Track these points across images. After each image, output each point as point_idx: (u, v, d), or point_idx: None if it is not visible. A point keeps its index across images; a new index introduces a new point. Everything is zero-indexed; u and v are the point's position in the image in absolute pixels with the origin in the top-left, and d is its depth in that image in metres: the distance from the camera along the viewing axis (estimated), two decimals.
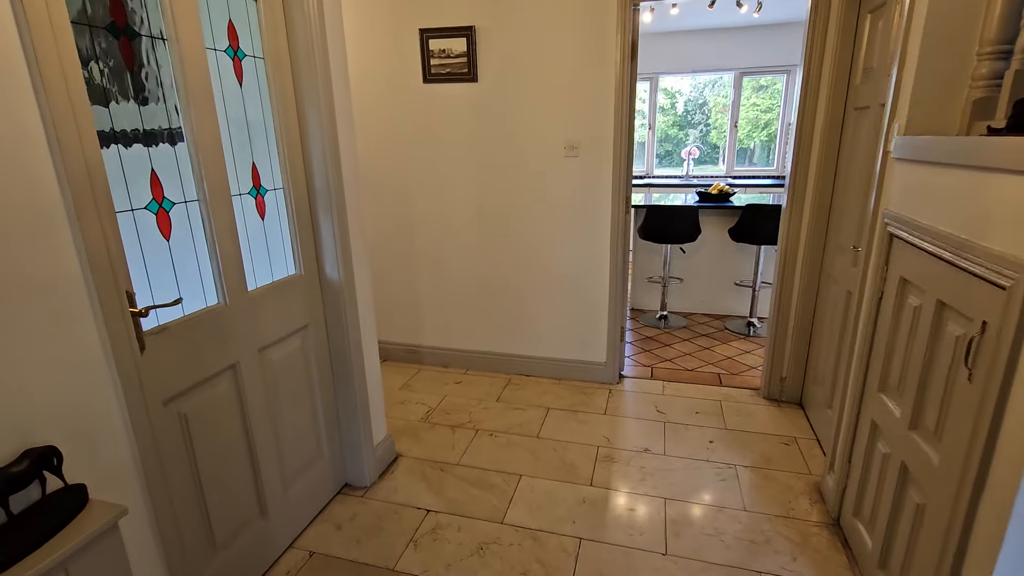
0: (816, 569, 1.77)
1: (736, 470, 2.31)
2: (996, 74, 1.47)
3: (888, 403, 1.64)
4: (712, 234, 4.13)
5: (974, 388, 1.20)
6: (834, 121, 2.46)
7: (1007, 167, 1.14)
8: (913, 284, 1.53)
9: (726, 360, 3.44)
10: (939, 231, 1.38)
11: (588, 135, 2.80)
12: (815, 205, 2.58)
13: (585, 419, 2.75)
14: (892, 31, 1.95)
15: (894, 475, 1.57)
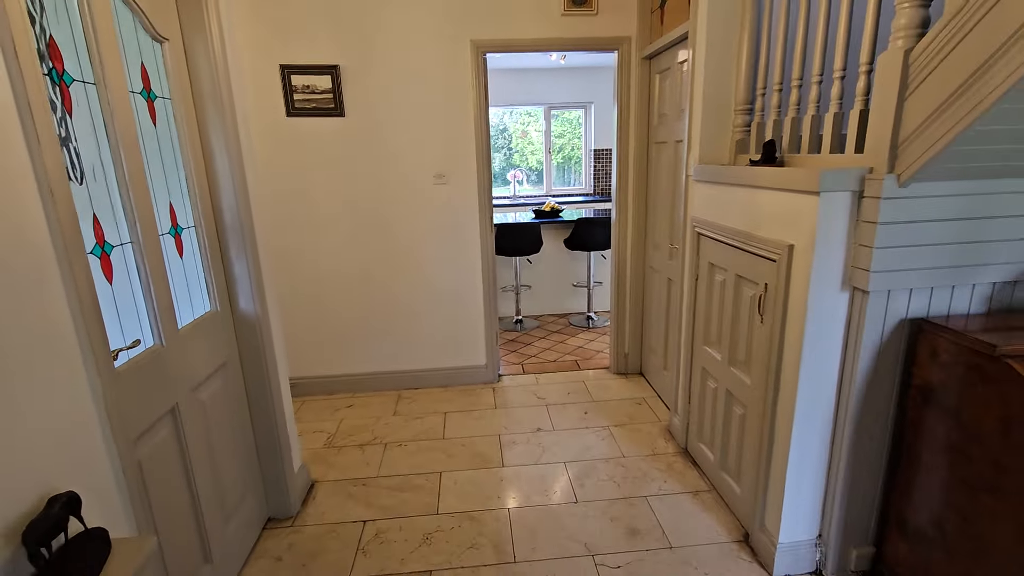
0: (680, 484, 2.37)
1: (610, 430, 2.86)
2: (747, 123, 2.24)
3: (711, 352, 2.31)
4: (551, 245, 4.81)
5: (765, 327, 1.85)
6: (642, 152, 3.22)
7: (765, 185, 1.82)
8: (718, 266, 2.21)
9: (578, 349, 4.08)
10: (731, 228, 2.05)
11: (454, 164, 3.16)
12: (636, 215, 3.32)
13: (480, 416, 3.07)
14: (677, 89, 2.72)
15: (722, 400, 2.22)
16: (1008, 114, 1.24)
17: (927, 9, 1.39)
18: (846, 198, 1.55)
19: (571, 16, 3.01)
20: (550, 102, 6.62)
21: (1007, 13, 1.14)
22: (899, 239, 1.51)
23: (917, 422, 1.59)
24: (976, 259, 1.56)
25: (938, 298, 1.60)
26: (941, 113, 1.32)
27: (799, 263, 1.66)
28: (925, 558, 1.58)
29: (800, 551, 1.85)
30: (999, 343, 1.34)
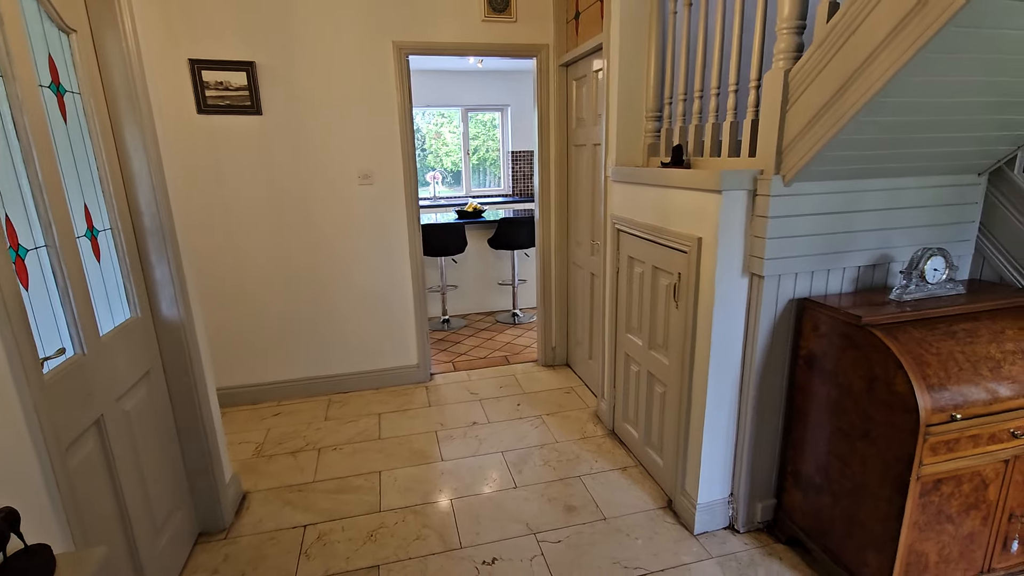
0: (610, 462, 2.56)
1: (542, 418, 3.01)
2: (657, 129, 2.46)
3: (633, 338, 2.52)
4: (475, 245, 4.90)
5: (680, 312, 2.07)
6: (562, 154, 3.40)
7: (675, 185, 2.03)
8: (637, 259, 2.42)
9: (507, 345, 4.21)
10: (647, 224, 2.26)
11: (379, 165, 3.17)
12: (558, 214, 3.50)
13: (415, 415, 3.10)
14: (593, 96, 2.92)
15: (645, 382, 2.43)
16: (865, 126, 1.51)
17: (800, 36, 1.64)
18: (743, 196, 1.78)
19: (491, 22, 3.13)
20: (467, 104, 6.71)
21: (858, 45, 1.40)
22: (786, 231, 1.77)
23: (805, 386, 1.86)
24: (846, 247, 1.86)
25: (817, 280, 1.88)
26: (814, 124, 1.57)
27: (707, 253, 1.88)
28: (815, 502, 1.86)
29: (715, 509, 2.09)
30: (863, 315, 1.62)
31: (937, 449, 1.48)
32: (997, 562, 1.67)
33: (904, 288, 1.76)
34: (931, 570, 1.61)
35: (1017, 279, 1.89)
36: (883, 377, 1.54)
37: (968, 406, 1.48)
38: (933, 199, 1.90)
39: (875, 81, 1.37)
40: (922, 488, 1.51)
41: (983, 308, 1.69)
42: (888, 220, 1.87)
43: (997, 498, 1.60)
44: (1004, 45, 1.30)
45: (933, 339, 1.56)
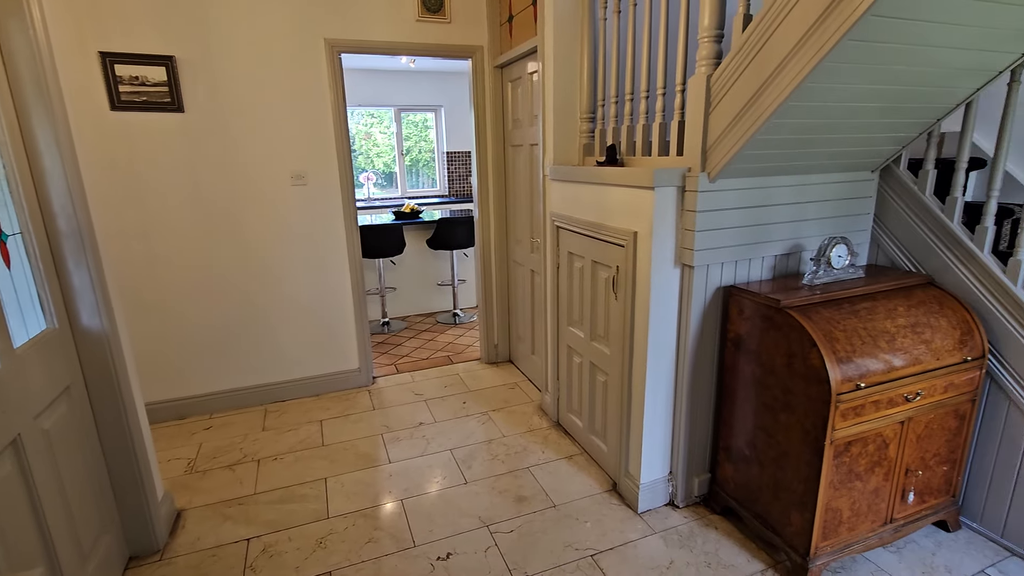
0: (556, 452, 2.64)
1: (488, 415, 3.05)
2: (592, 130, 2.57)
3: (575, 331, 2.61)
4: (413, 246, 4.87)
5: (619, 303, 2.18)
6: (499, 154, 3.46)
7: (611, 183, 2.14)
8: (576, 254, 2.51)
9: (449, 345, 4.21)
10: (586, 220, 2.36)
11: (313, 165, 3.08)
12: (497, 214, 3.55)
13: (359, 419, 3.05)
14: (529, 98, 3.00)
15: (587, 372, 2.54)
16: (777, 127, 1.67)
17: (720, 44, 1.79)
18: (673, 192, 1.91)
19: (426, 23, 3.13)
20: (400, 104, 6.63)
21: (770, 55, 1.55)
22: (712, 224, 1.91)
23: (733, 366, 2.02)
24: (764, 238, 2.04)
25: (741, 269, 2.05)
26: (734, 125, 1.71)
27: (642, 247, 2.00)
28: (745, 473, 2.02)
29: (657, 488, 2.21)
30: (782, 299, 1.78)
31: (847, 415, 1.66)
32: (897, 512, 1.90)
33: (814, 273, 1.95)
34: (844, 524, 1.80)
35: (906, 263, 2.14)
36: (800, 353, 1.71)
37: (870, 375, 1.67)
38: (835, 194, 2.12)
39: (785, 87, 1.53)
40: (835, 451, 1.69)
41: (879, 289, 1.91)
42: (799, 213, 2.07)
43: (896, 455, 1.82)
44: (888, 57, 1.49)
45: (840, 317, 1.75)
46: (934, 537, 2.01)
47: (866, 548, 1.87)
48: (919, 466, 1.88)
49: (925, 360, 1.77)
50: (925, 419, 1.82)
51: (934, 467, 1.91)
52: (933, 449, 1.89)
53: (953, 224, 1.96)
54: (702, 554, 1.96)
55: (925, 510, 1.96)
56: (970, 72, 1.67)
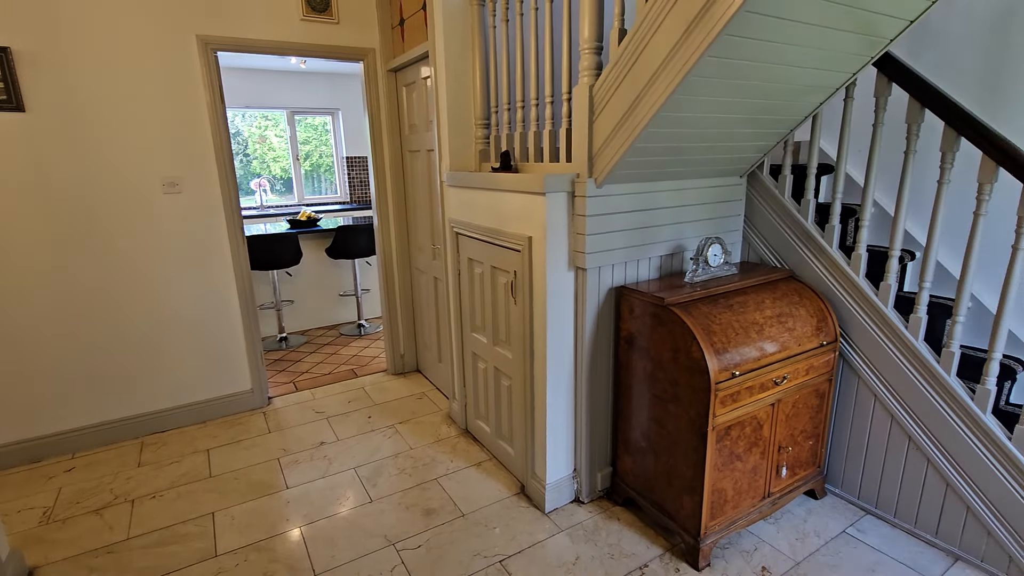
0: (465, 460, 2.62)
1: (395, 428, 2.96)
2: (487, 136, 2.59)
3: (479, 337, 2.61)
4: (311, 256, 4.63)
5: (518, 307, 2.21)
6: (397, 160, 3.38)
7: (506, 188, 2.16)
8: (476, 260, 2.51)
9: (353, 358, 4.05)
10: (483, 226, 2.37)
11: (188, 171, 2.83)
12: (398, 220, 3.47)
13: (252, 444, 2.83)
14: (424, 102, 2.96)
15: (492, 377, 2.54)
16: (655, 136, 1.77)
17: (600, 56, 1.87)
18: (564, 197, 1.97)
19: (311, 22, 2.99)
20: (292, 106, 6.30)
21: (643, 68, 1.64)
22: (601, 227, 1.99)
23: (627, 362, 2.12)
24: (650, 239, 2.16)
25: (630, 270, 2.15)
26: (616, 133, 1.80)
27: (537, 251, 2.03)
28: (642, 463, 2.12)
29: (562, 486, 2.26)
30: (666, 297, 1.89)
31: (725, 402, 1.79)
32: (774, 486, 2.08)
33: (694, 272, 2.09)
34: (730, 502, 1.95)
35: (772, 259, 2.36)
36: (683, 347, 1.82)
37: (744, 364, 1.82)
38: (711, 197, 2.29)
39: (658, 98, 1.62)
40: (717, 436, 1.82)
41: (750, 284, 2.09)
42: (679, 216, 2.21)
43: (770, 435, 2.00)
44: (745, 73, 1.63)
45: (717, 312, 1.89)
46: (805, 505, 2.23)
47: (749, 523, 2.03)
48: (789, 443, 2.07)
49: (790, 347, 1.96)
50: (792, 400, 2.02)
51: (802, 442, 2.13)
52: (800, 426, 2.09)
53: (807, 223, 2.19)
54: (606, 546, 2.03)
55: (797, 482, 2.17)
56: (814, 88, 1.88)
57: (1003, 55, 2.20)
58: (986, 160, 1.71)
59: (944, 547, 1.95)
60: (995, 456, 1.77)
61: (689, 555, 1.93)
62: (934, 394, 1.89)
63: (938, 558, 1.92)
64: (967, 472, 1.84)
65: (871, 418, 2.10)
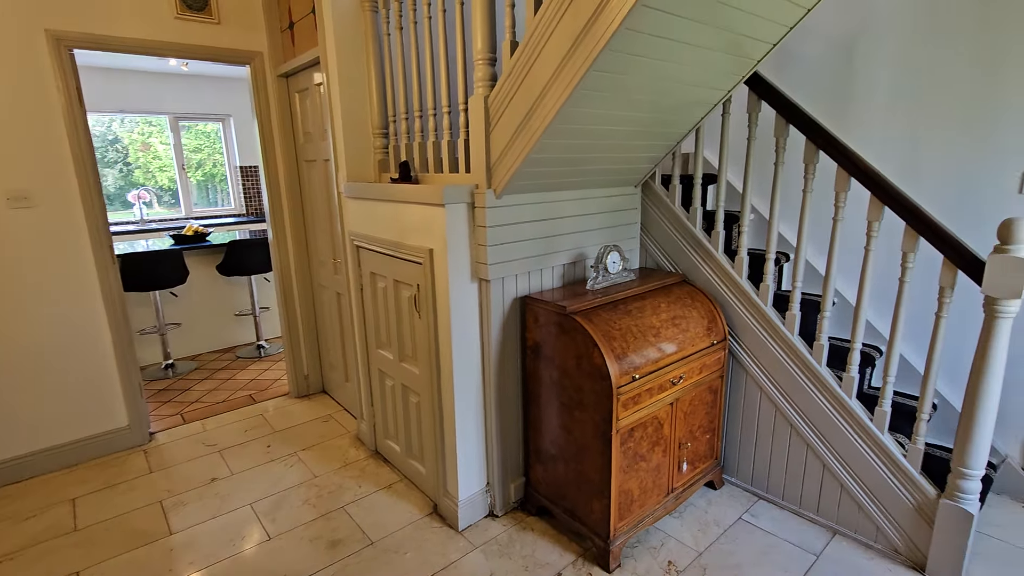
0: (374, 484, 2.50)
1: (297, 455, 2.77)
2: (386, 145, 2.51)
3: (385, 353, 2.51)
4: (200, 273, 4.26)
5: (423, 321, 2.14)
6: (292, 169, 3.20)
7: (405, 200, 2.10)
8: (378, 274, 2.42)
9: (252, 382, 3.76)
10: (384, 239, 2.28)
11: (41, 182, 2.49)
12: (295, 234, 3.27)
13: (131, 487, 2.53)
14: (318, 110, 2.82)
15: (400, 395, 2.45)
16: (549, 147, 1.79)
17: (494, 67, 1.87)
18: (463, 208, 1.94)
19: (186, 21, 2.75)
20: (176, 112, 5.80)
21: (535, 80, 1.66)
22: (503, 238, 1.99)
23: (534, 371, 2.12)
24: (552, 248, 2.18)
25: (534, 279, 2.17)
26: (512, 144, 1.80)
27: (439, 263, 1.99)
28: (553, 471, 2.13)
29: (476, 502, 2.22)
30: (568, 305, 1.92)
31: (627, 405, 1.85)
32: (676, 482, 2.17)
33: (595, 279, 2.15)
34: (636, 501, 2.00)
35: (667, 264, 2.48)
36: (586, 354, 1.85)
37: (644, 367, 1.89)
38: (609, 206, 2.37)
39: (549, 110, 1.64)
40: (621, 438, 1.86)
41: (647, 289, 2.18)
42: (580, 224, 2.27)
43: (670, 433, 2.08)
44: (631, 87, 1.70)
45: (616, 317, 1.95)
46: (706, 496, 2.35)
47: (656, 519, 2.10)
48: (689, 439, 2.18)
49: (684, 348, 2.06)
50: (689, 398, 2.12)
51: (700, 437, 2.24)
52: (698, 422, 2.21)
53: (696, 230, 2.33)
54: (520, 559, 2.01)
55: (697, 475, 2.28)
56: (696, 103, 2.00)
57: (850, 74, 2.48)
58: (840, 171, 1.91)
59: (825, 523, 2.13)
60: (860, 436, 1.97)
61: (600, 558, 1.96)
62: (809, 384, 2.06)
63: (821, 534, 2.09)
64: (839, 453, 2.03)
65: (759, 409, 2.26)
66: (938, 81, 2.26)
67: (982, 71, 2.15)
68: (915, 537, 1.90)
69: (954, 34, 2.20)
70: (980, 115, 2.18)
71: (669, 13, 1.43)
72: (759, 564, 1.95)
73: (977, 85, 2.17)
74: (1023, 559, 1.94)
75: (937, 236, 1.72)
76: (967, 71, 2.19)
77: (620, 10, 1.38)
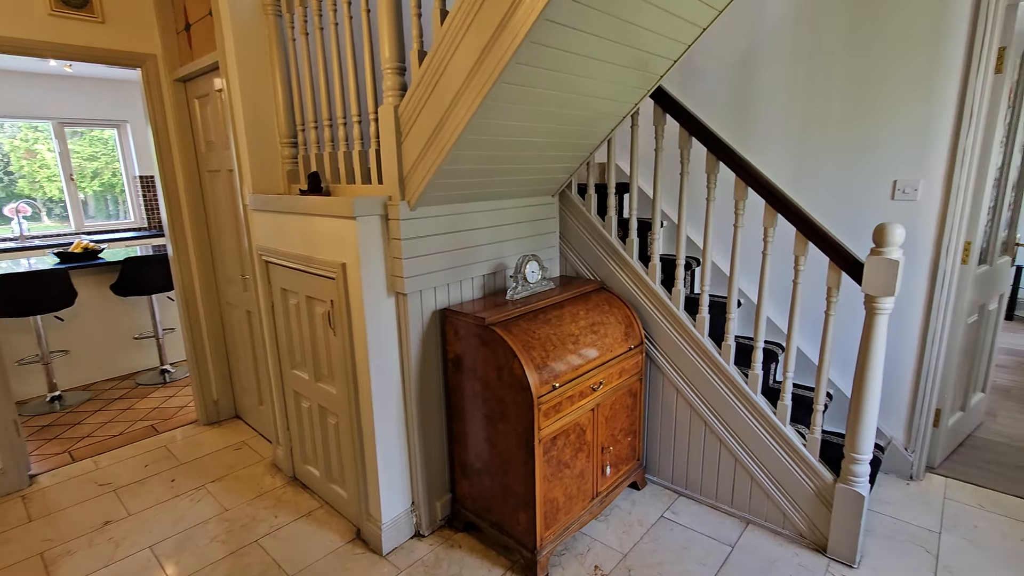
0: (292, 512, 2.36)
1: (206, 488, 2.56)
2: (295, 155, 2.39)
3: (300, 373, 2.38)
4: (91, 294, 3.87)
5: (338, 339, 2.05)
6: (193, 180, 2.98)
7: (315, 213, 2.00)
8: (290, 291, 2.29)
9: (154, 411, 3.45)
10: (294, 253, 2.17)
11: None
12: (198, 249, 3.05)
13: (5, 539, 2.23)
14: (220, 117, 2.65)
15: (317, 416, 2.33)
16: (462, 158, 1.78)
17: (403, 76, 1.83)
18: (377, 221, 1.88)
19: (64, 18, 2.50)
20: (61, 116, 5.27)
21: (444, 91, 1.64)
22: (419, 251, 1.94)
23: (456, 385, 2.09)
24: (471, 260, 2.16)
25: (453, 291, 2.14)
26: (424, 155, 1.77)
27: (352, 278, 1.91)
28: (479, 485, 2.10)
29: (401, 523, 2.14)
30: (487, 317, 1.91)
31: (548, 414, 1.85)
32: (601, 486, 2.21)
33: (514, 289, 2.15)
34: (562, 509, 2.01)
35: (586, 272, 2.53)
36: (506, 366, 1.84)
37: (563, 375, 1.90)
38: (527, 216, 2.38)
39: (460, 121, 1.63)
40: (544, 448, 1.87)
41: (566, 297, 2.21)
42: (498, 235, 2.26)
43: (593, 438, 2.12)
44: (541, 99, 1.71)
45: (536, 327, 1.96)
46: (630, 497, 2.41)
47: (582, 525, 2.12)
48: (611, 443, 2.22)
49: (603, 353, 2.10)
50: (609, 402, 2.16)
51: (621, 440, 2.29)
52: (619, 425, 2.26)
53: (612, 237, 2.39)
54: None
55: (620, 477, 2.33)
56: (606, 115, 2.06)
57: (747, 91, 2.66)
58: (739, 181, 2.03)
59: (739, 515, 2.24)
60: (766, 429, 2.09)
61: (528, 570, 1.95)
62: (720, 382, 2.17)
63: (735, 525, 2.20)
64: (748, 446, 2.14)
65: (676, 409, 2.34)
66: (819, 98, 2.47)
67: (855, 89, 2.37)
68: (816, 520, 2.04)
69: (830, 55, 2.41)
70: (856, 129, 2.40)
71: (573, 28, 1.46)
72: (679, 560, 2.02)
73: (852, 102, 2.39)
74: (909, 532, 2.13)
75: (823, 241, 1.86)
76: (843, 89, 2.40)
77: (524, 24, 1.39)
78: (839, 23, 2.37)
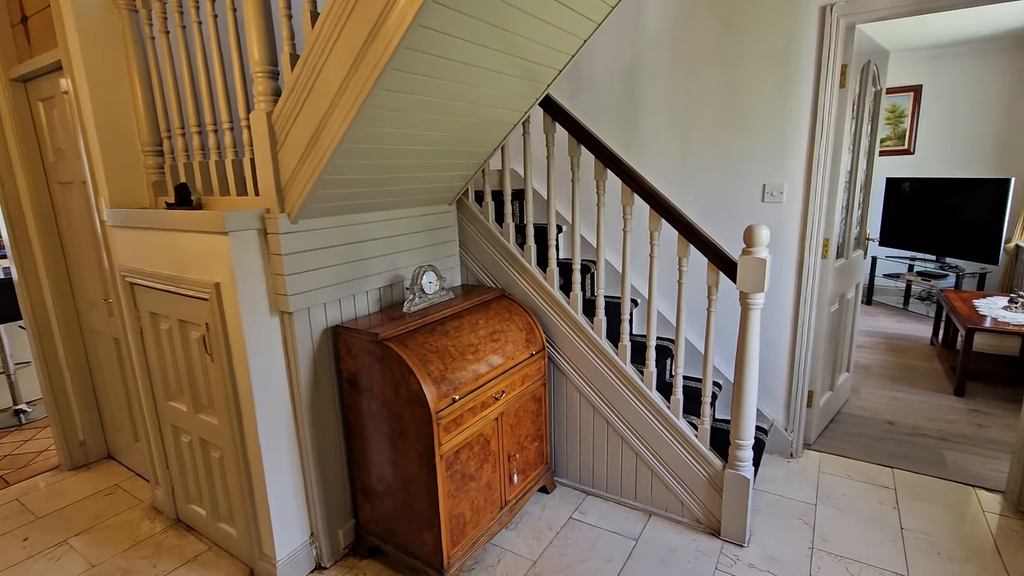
0: (176, 559, 2.13)
1: (68, 543, 2.25)
2: (160, 165, 2.17)
3: (177, 405, 2.16)
4: None
5: (216, 365, 1.88)
6: (41, 193, 2.62)
7: (183, 228, 1.82)
8: (160, 314, 2.07)
9: (6, 459, 2.99)
10: (162, 274, 1.96)
11: None
12: (51, 271, 2.68)
13: None
14: (69, 123, 2.35)
15: (199, 451, 2.12)
16: (344, 167, 1.69)
17: (277, 80, 1.71)
18: (253, 236, 1.74)
19: None
20: None
21: (320, 97, 1.55)
22: (304, 266, 1.82)
23: (353, 405, 1.98)
24: (364, 272, 2.07)
25: (346, 306, 2.03)
26: (303, 164, 1.66)
27: (228, 298, 1.76)
28: (382, 508, 2.01)
29: (299, 557, 2.00)
30: (380, 332, 1.83)
31: (449, 428, 1.81)
32: (509, 494, 2.20)
33: (411, 301, 2.09)
34: (469, 523, 1.97)
35: (488, 280, 2.52)
36: (403, 382, 1.77)
37: (463, 387, 1.87)
38: (423, 225, 2.33)
39: (339, 128, 1.55)
40: (447, 463, 1.82)
41: (466, 307, 2.18)
42: (392, 246, 2.19)
43: (498, 448, 2.10)
44: (423, 107, 1.67)
45: (433, 339, 1.91)
46: (540, 502, 2.42)
47: (491, 536, 2.09)
48: (517, 450, 2.22)
49: (505, 362, 2.09)
50: (513, 410, 2.16)
51: (528, 446, 2.30)
52: (525, 431, 2.26)
53: (510, 244, 2.40)
54: None
55: (529, 483, 2.34)
56: (497, 123, 2.05)
57: (632, 102, 2.78)
58: (625, 187, 2.11)
59: (642, 508, 2.32)
60: (662, 423, 2.18)
61: None
62: (618, 381, 2.23)
63: (639, 519, 2.27)
64: (646, 441, 2.23)
65: (579, 410, 2.39)
66: (698, 109, 2.64)
67: (728, 102, 2.56)
68: (710, 506, 2.15)
69: (706, 70, 2.58)
70: (730, 137, 2.59)
71: (449, 35, 1.43)
72: (587, 559, 2.05)
73: (726, 112, 2.58)
74: (791, 507, 2.32)
75: (703, 243, 1.98)
76: (719, 102, 2.58)
77: (398, 29, 1.34)
78: (708, 42, 2.55)
